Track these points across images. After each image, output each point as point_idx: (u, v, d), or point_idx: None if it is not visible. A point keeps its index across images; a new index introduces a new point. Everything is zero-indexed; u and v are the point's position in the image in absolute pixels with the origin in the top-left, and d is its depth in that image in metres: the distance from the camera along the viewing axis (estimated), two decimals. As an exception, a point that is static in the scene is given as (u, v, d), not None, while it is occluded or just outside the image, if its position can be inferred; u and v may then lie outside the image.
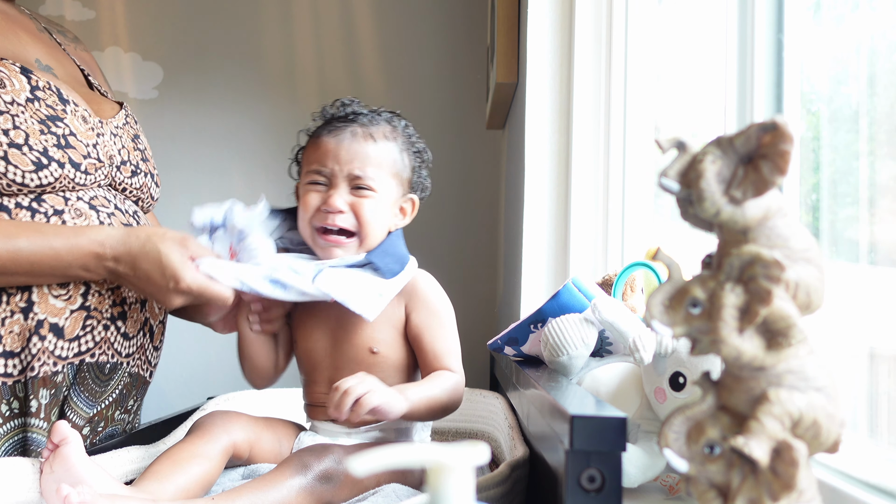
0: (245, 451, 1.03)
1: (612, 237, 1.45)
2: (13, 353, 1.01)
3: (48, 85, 1.08)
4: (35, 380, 1.03)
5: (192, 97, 2.50)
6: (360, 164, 1.06)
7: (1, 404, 1.02)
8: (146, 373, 1.21)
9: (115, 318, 1.11)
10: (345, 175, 1.06)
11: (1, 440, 1.02)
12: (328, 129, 1.09)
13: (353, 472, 0.42)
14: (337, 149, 1.06)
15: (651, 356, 0.82)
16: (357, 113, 1.10)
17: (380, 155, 1.07)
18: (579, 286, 1.05)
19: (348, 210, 1.05)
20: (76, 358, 1.06)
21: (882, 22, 0.79)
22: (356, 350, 1.06)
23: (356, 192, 1.06)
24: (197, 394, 2.22)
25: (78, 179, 1.07)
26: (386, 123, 1.11)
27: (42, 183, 1.03)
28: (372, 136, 1.08)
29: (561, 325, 0.96)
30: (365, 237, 1.06)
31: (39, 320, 1.02)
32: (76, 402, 1.08)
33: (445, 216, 2.44)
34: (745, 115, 0.97)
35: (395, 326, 1.07)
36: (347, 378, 0.93)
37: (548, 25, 1.52)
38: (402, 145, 1.11)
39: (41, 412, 1.04)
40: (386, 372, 1.06)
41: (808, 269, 0.53)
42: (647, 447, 0.83)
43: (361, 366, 1.05)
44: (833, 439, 0.52)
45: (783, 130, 0.50)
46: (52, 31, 1.25)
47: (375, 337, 1.06)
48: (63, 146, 1.05)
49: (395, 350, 1.07)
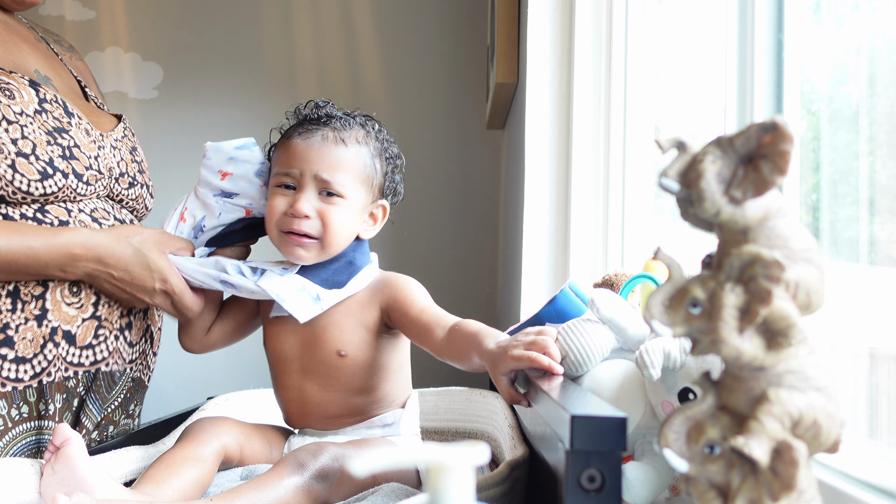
0: (235, 455, 1.03)
1: (612, 237, 1.45)
2: (25, 359, 1.04)
3: (55, 98, 1.11)
4: (52, 385, 1.05)
5: (192, 97, 2.50)
6: (330, 169, 1.04)
7: (11, 408, 1.03)
8: (146, 377, 1.24)
9: (123, 328, 1.14)
10: (312, 177, 1.04)
11: (10, 443, 1.04)
12: (299, 130, 1.07)
13: (352, 473, 0.42)
14: (306, 152, 1.05)
15: (660, 371, 0.78)
16: (330, 116, 1.08)
17: (350, 160, 1.06)
18: (576, 290, 1.04)
19: (315, 216, 1.04)
20: (93, 367, 1.10)
21: (882, 22, 0.79)
22: (324, 353, 1.07)
23: (324, 197, 1.04)
24: (197, 394, 2.22)
25: (80, 190, 1.09)
26: (359, 127, 1.09)
27: (46, 192, 1.05)
28: (343, 140, 1.06)
29: (582, 338, 0.87)
30: (328, 244, 1.05)
31: (53, 327, 1.05)
32: (90, 408, 1.11)
33: (445, 216, 2.44)
34: (745, 115, 0.97)
35: (367, 328, 1.07)
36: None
37: (548, 25, 1.52)
38: (374, 150, 1.09)
39: (56, 416, 1.07)
40: (353, 373, 1.07)
41: (808, 269, 0.53)
42: (654, 462, 0.79)
43: (330, 368, 1.06)
44: (833, 439, 0.52)
45: (783, 130, 0.50)
46: (49, 41, 1.27)
47: (344, 339, 1.07)
48: (67, 157, 1.08)
49: (364, 351, 1.07)
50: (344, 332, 1.07)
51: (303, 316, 1.03)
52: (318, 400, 1.08)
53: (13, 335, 1.03)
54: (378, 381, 1.08)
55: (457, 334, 0.96)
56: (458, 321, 1.00)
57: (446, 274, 2.43)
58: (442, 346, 0.98)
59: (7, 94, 1.04)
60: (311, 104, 1.12)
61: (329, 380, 1.07)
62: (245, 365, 2.47)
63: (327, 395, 1.07)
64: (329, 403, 1.08)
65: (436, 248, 2.43)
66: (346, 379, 1.07)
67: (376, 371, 1.08)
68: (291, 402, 1.11)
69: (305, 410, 1.09)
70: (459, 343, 0.95)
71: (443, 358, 0.99)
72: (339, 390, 1.07)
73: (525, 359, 0.80)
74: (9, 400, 1.03)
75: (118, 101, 2.50)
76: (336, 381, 1.07)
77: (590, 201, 1.48)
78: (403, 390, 1.12)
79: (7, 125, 1.02)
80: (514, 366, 0.82)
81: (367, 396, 1.08)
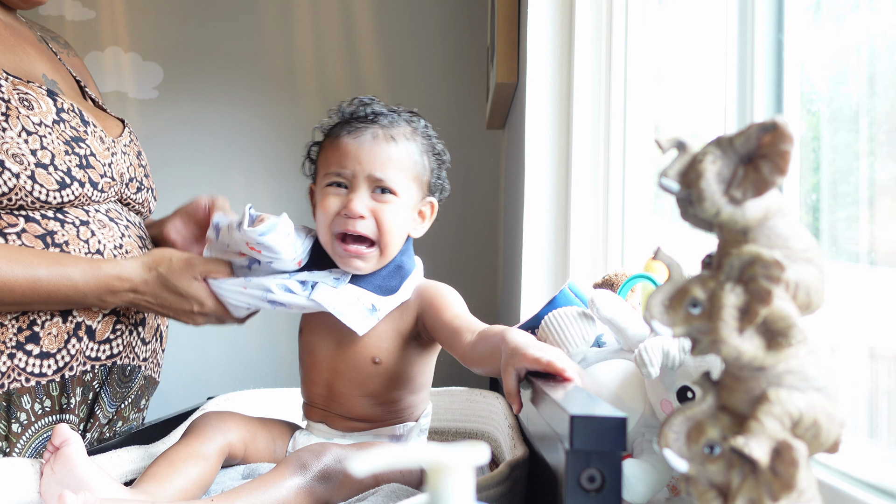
0: (240, 451, 1.03)
1: (612, 237, 1.45)
2: (49, 354, 1.05)
3: (72, 107, 1.12)
4: (73, 379, 1.08)
5: (192, 97, 2.50)
6: (382, 166, 1.02)
7: (35, 403, 1.05)
8: (156, 374, 1.27)
9: (137, 324, 1.16)
10: (366, 177, 1.02)
11: (34, 436, 1.05)
12: (347, 129, 1.05)
13: (352, 473, 0.42)
14: (358, 150, 1.03)
15: (658, 370, 0.78)
16: (377, 113, 1.06)
17: (401, 157, 1.04)
18: (576, 291, 1.05)
19: (369, 216, 1.02)
20: (108, 360, 1.12)
21: (882, 22, 0.79)
22: (358, 358, 1.06)
23: (377, 195, 1.03)
24: (197, 394, 2.22)
25: (94, 197, 1.11)
26: (406, 124, 1.07)
27: (63, 201, 1.07)
28: (393, 137, 1.04)
29: (560, 321, 0.95)
30: (385, 246, 1.04)
31: (78, 322, 1.07)
32: (104, 402, 1.13)
33: (445, 216, 2.43)
34: (745, 115, 0.97)
35: (402, 335, 1.06)
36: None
37: (548, 25, 1.52)
38: (422, 147, 1.07)
39: (75, 410, 1.09)
40: (384, 381, 1.06)
41: (808, 269, 0.53)
42: (653, 460, 0.80)
43: (361, 374, 1.06)
44: (833, 439, 0.52)
45: (783, 130, 0.50)
46: (46, 40, 1.28)
47: (381, 346, 1.06)
48: (84, 166, 1.09)
49: (399, 360, 1.06)
50: (382, 338, 1.05)
51: (361, 329, 1.01)
52: (344, 401, 1.07)
53: (39, 331, 1.05)
54: (405, 393, 1.08)
55: (484, 335, 0.95)
56: (488, 326, 0.98)
57: (446, 274, 2.42)
58: (469, 347, 0.96)
59: (26, 105, 1.05)
60: (355, 101, 1.08)
61: (359, 385, 1.06)
62: (245, 365, 2.47)
63: (354, 398, 1.07)
64: (354, 406, 1.07)
65: (435, 248, 2.42)
66: (376, 386, 1.06)
67: (406, 382, 1.07)
68: (317, 396, 1.09)
69: (329, 408, 1.09)
70: (487, 342, 0.93)
71: (469, 363, 0.97)
72: (367, 395, 1.07)
73: (544, 362, 0.79)
74: (32, 395, 1.04)
75: (118, 101, 2.50)
76: (365, 388, 1.06)
77: (590, 201, 1.48)
78: (422, 404, 1.12)
79: (27, 136, 1.03)
80: (528, 365, 0.81)
81: (391, 406, 1.08)
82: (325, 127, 1.10)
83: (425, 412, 1.12)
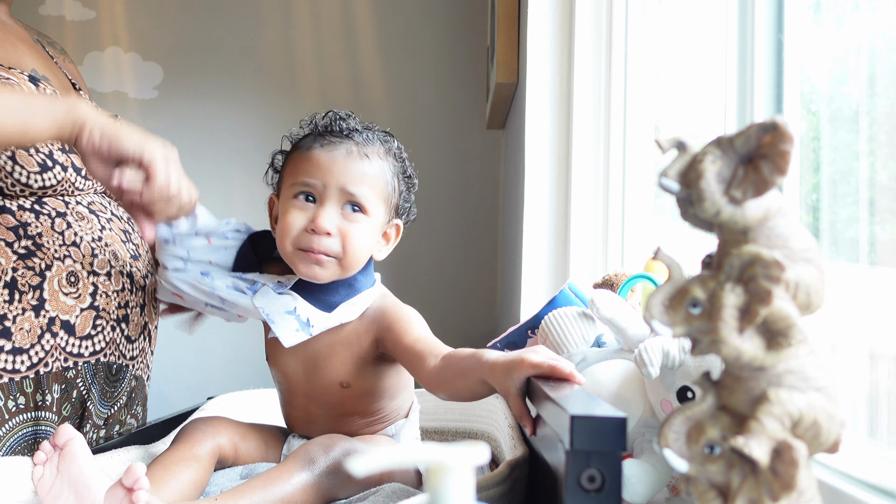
0: (230, 455, 1.03)
1: (612, 237, 1.45)
2: (22, 350, 1.04)
3: (55, 93, 1.11)
4: (49, 375, 1.06)
5: (192, 97, 2.50)
6: (355, 181, 0.99)
7: (8, 400, 1.04)
8: (145, 376, 1.25)
9: (120, 320, 1.15)
10: (338, 190, 0.98)
11: (7, 434, 1.04)
12: (321, 141, 1.01)
13: (352, 473, 0.42)
14: (331, 163, 0.99)
15: (658, 370, 0.78)
16: (352, 129, 1.03)
17: (374, 175, 1.01)
18: (576, 291, 1.05)
19: (336, 233, 0.98)
20: (92, 357, 1.11)
21: (882, 22, 0.79)
22: (326, 384, 1.05)
23: (347, 213, 0.99)
24: (197, 394, 2.22)
25: (78, 184, 1.10)
26: (380, 144, 1.04)
27: (45, 185, 1.05)
28: (367, 155, 1.01)
29: (560, 321, 0.94)
30: (347, 265, 1.00)
31: (51, 317, 1.06)
32: (95, 402, 1.12)
33: (445, 216, 2.44)
34: (745, 115, 0.97)
35: (363, 358, 1.04)
36: None
37: (548, 25, 1.52)
38: (394, 168, 1.04)
39: (53, 407, 1.08)
40: (358, 400, 1.05)
41: (808, 269, 0.53)
42: (653, 460, 0.80)
43: (335, 397, 1.05)
44: (833, 439, 0.52)
45: (783, 130, 0.50)
46: (43, 44, 1.29)
47: (345, 371, 1.04)
48: (67, 151, 1.08)
49: (368, 379, 1.04)
50: (345, 363, 1.03)
51: (288, 342, 0.98)
52: (324, 421, 1.07)
53: (10, 326, 1.04)
54: (384, 403, 1.07)
55: (451, 359, 0.92)
56: (453, 350, 0.95)
57: (446, 274, 2.43)
58: (434, 372, 0.93)
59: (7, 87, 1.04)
60: (330, 115, 1.05)
61: (336, 406, 1.06)
62: (245, 365, 2.47)
63: (334, 417, 1.07)
64: (336, 424, 1.07)
65: (435, 248, 2.43)
66: (352, 405, 1.06)
67: (382, 395, 1.06)
68: (297, 419, 1.10)
69: (311, 428, 1.09)
70: (455, 365, 0.90)
71: (435, 388, 0.94)
72: (345, 414, 1.06)
73: (546, 366, 0.78)
74: (5, 391, 1.03)
75: (118, 101, 2.50)
76: (343, 408, 1.06)
77: (590, 201, 1.48)
78: (407, 402, 1.12)
79: None
80: (531, 372, 0.79)
81: (373, 416, 1.08)
82: (294, 136, 1.07)
83: (413, 406, 1.12)
